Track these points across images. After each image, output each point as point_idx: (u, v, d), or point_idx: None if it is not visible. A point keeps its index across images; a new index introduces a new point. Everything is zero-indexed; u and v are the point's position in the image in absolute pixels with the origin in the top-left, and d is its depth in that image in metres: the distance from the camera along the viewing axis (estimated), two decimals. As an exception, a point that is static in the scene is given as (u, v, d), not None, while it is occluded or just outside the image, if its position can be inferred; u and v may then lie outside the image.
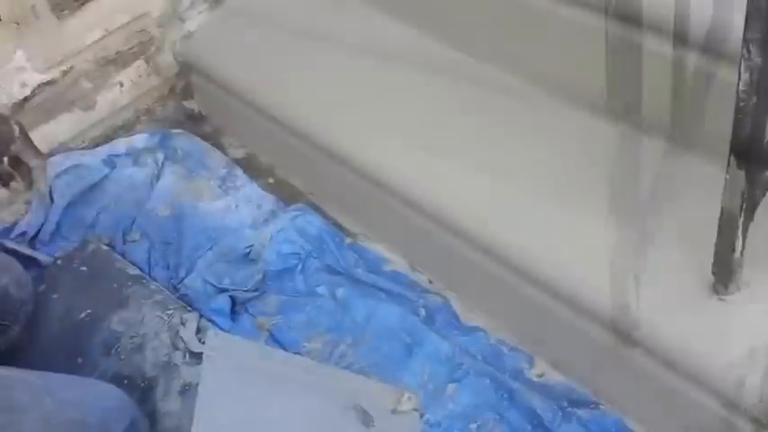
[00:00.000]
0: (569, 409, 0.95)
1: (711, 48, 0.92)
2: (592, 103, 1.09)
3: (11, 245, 1.23)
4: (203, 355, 0.91)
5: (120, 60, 1.37)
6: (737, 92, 0.72)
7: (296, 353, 1.06)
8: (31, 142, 1.01)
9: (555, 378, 1.01)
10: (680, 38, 0.94)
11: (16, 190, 1.01)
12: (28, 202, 1.33)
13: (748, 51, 0.70)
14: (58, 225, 1.27)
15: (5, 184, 1.01)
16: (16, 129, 0.98)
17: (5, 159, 0.98)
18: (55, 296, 1.14)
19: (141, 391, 1.02)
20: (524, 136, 1.09)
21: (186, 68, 1.45)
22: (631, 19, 0.98)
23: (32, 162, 0.99)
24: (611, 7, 0.99)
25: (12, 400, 0.75)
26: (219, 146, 1.43)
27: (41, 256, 1.23)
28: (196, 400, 0.85)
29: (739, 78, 0.71)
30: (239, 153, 1.42)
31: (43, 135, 1.30)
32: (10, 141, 0.97)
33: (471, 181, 1.06)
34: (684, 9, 0.93)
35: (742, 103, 0.72)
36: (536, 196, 1.02)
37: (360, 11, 1.35)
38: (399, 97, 1.20)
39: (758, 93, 0.71)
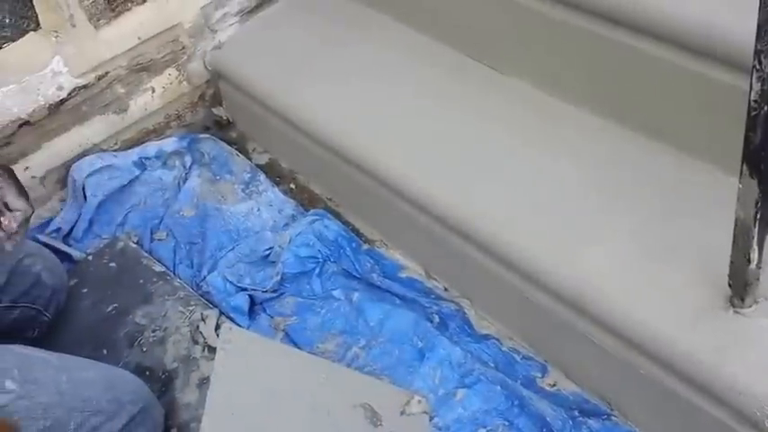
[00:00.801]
0: (580, 419, 0.95)
1: (732, 60, 0.92)
2: (610, 115, 1.10)
3: (46, 240, 1.28)
4: (217, 348, 0.93)
5: (152, 67, 1.41)
6: (749, 102, 0.72)
7: (309, 353, 1.08)
8: (19, 187, 0.93)
9: (568, 387, 1.00)
10: (696, 49, 0.95)
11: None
12: (63, 200, 1.39)
13: (759, 62, 0.70)
14: (90, 222, 1.32)
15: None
16: (5, 174, 0.93)
17: None
18: (85, 290, 1.19)
19: (162, 382, 1.05)
20: (542, 147, 1.10)
21: (215, 77, 1.50)
22: (645, 30, 0.99)
23: (16, 205, 0.90)
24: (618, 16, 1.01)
25: (32, 374, 0.79)
26: (244, 151, 1.47)
27: (74, 252, 1.28)
28: (208, 391, 0.88)
29: (751, 89, 0.71)
30: (263, 159, 1.46)
31: (78, 136, 1.35)
32: None
33: (488, 191, 1.07)
34: (691, 17, 0.94)
35: (754, 113, 0.72)
36: (553, 207, 1.02)
37: (382, 23, 1.38)
38: (419, 108, 1.22)
39: (771, 102, 0.71)
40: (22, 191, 0.89)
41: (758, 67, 0.70)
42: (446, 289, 1.17)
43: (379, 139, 1.20)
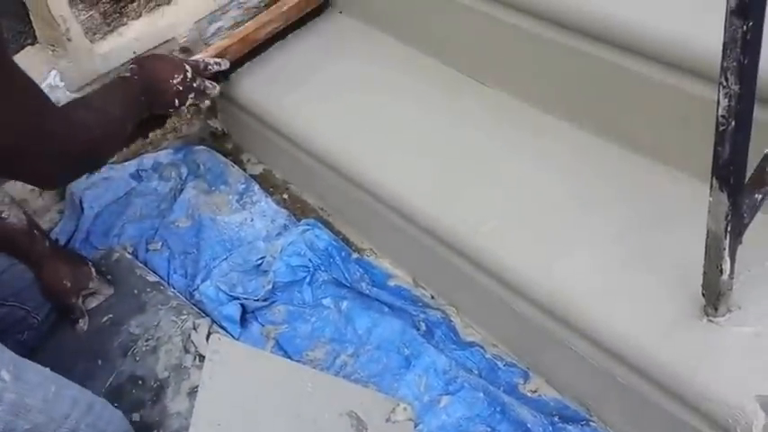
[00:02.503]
0: (560, 425, 0.97)
1: (705, 74, 0.94)
2: (591, 127, 1.12)
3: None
4: (205, 358, 0.96)
5: (147, 81, 1.44)
6: (717, 117, 0.74)
7: (298, 361, 1.11)
8: (105, 277, 1.22)
9: (549, 394, 1.02)
10: (672, 63, 0.97)
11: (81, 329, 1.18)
12: (61, 212, 1.42)
13: (726, 79, 0.72)
14: (88, 233, 1.35)
15: (76, 321, 1.16)
16: (93, 270, 1.19)
17: (81, 296, 1.16)
18: (81, 301, 1.21)
19: (153, 391, 1.08)
20: (526, 158, 1.12)
21: (211, 89, 1.53)
22: (624, 45, 1.01)
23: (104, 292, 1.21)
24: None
25: (26, 374, 0.82)
26: (239, 162, 1.50)
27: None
28: (195, 400, 0.90)
29: (718, 104, 0.73)
30: (257, 169, 1.49)
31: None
32: (88, 280, 1.18)
33: (473, 202, 1.09)
34: (667, 33, 0.96)
35: (722, 128, 0.74)
36: (535, 217, 1.04)
37: (374, 39, 1.41)
38: (407, 121, 1.24)
39: (736, 118, 0.73)
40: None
41: (725, 83, 0.72)
42: (433, 297, 1.19)
43: (368, 152, 1.23)
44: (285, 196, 1.43)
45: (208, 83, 1.23)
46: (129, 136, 1.15)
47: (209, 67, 1.27)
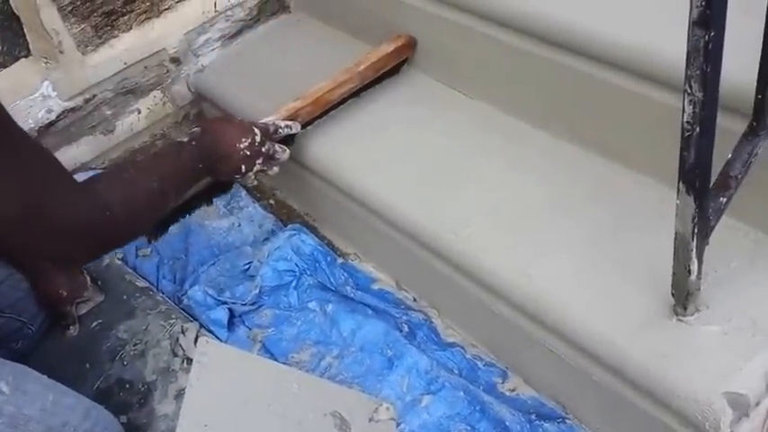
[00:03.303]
0: (537, 422, 1.00)
1: (672, 83, 0.97)
2: (565, 134, 1.16)
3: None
4: (193, 361, 0.98)
5: (138, 90, 1.47)
6: (682, 123, 0.77)
7: (285, 363, 1.13)
8: (96, 283, 1.22)
9: (526, 392, 1.05)
10: (640, 73, 1.00)
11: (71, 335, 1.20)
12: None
13: (690, 87, 0.75)
14: (77, 240, 1.36)
15: (67, 327, 1.19)
16: (88, 278, 1.19)
17: (76, 305, 1.18)
18: (71, 306, 1.23)
19: (141, 394, 1.10)
20: (504, 165, 1.15)
21: (198, 98, 1.56)
22: (596, 57, 1.05)
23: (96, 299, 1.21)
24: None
25: (24, 384, 0.84)
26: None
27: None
28: (182, 402, 0.92)
29: (684, 111, 0.77)
30: (245, 176, 1.51)
31: (66, 157, 1.40)
32: (84, 289, 1.19)
33: (454, 208, 1.12)
34: (637, 45, 1.00)
35: (687, 134, 0.77)
36: (512, 222, 1.07)
37: (354, 48, 1.44)
38: (390, 128, 1.27)
39: (701, 124, 0.76)
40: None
41: (689, 91, 0.75)
42: (415, 299, 1.22)
43: (351, 159, 1.25)
44: (272, 202, 1.45)
45: (278, 147, 1.12)
46: (187, 203, 1.09)
47: (280, 130, 1.15)
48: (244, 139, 1.05)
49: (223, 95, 1.48)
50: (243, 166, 1.06)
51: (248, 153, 1.05)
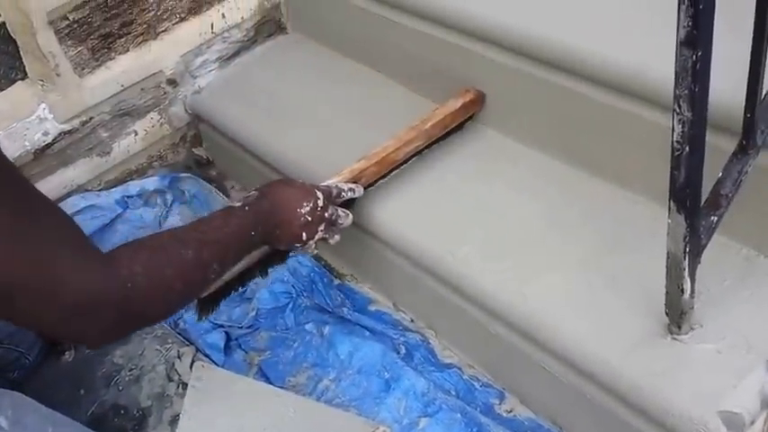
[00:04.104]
0: (534, 444, 0.99)
1: (663, 102, 0.98)
2: (561, 154, 1.16)
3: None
4: (188, 386, 0.97)
5: (135, 112, 1.48)
6: (672, 143, 0.78)
7: (281, 387, 1.12)
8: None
9: (523, 414, 1.05)
10: (633, 93, 1.01)
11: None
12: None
13: (679, 106, 0.76)
14: (73, 262, 1.36)
15: (63, 353, 1.18)
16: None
17: None
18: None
19: (136, 420, 1.09)
20: (500, 186, 1.16)
21: (196, 119, 1.57)
22: (590, 77, 1.06)
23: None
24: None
25: (24, 418, 0.82)
26: (223, 189, 1.54)
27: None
28: (177, 428, 0.91)
29: (673, 130, 0.77)
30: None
31: (62, 179, 1.41)
32: None
33: (450, 229, 1.12)
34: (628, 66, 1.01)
35: (677, 153, 0.78)
36: (509, 242, 1.07)
37: (352, 69, 1.46)
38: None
39: (690, 143, 0.77)
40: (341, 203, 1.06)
41: (678, 110, 0.76)
42: (412, 320, 1.22)
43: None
44: (269, 224, 1.46)
45: (341, 211, 1.03)
46: (241, 274, 0.98)
47: (343, 193, 1.05)
48: (305, 204, 0.96)
49: (221, 117, 1.48)
50: (304, 234, 0.96)
51: (310, 219, 0.96)
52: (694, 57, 0.69)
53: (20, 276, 0.64)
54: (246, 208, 0.91)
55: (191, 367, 1.12)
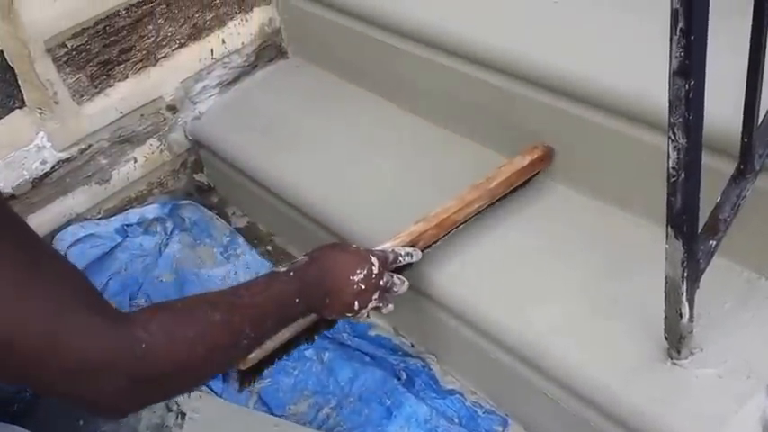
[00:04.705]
0: (537, 472, 0.98)
1: (663, 127, 0.98)
2: (561, 178, 1.16)
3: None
4: (186, 416, 0.97)
5: (134, 139, 1.48)
6: (668, 169, 0.78)
7: (281, 416, 1.12)
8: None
9: (526, 441, 1.04)
10: (632, 116, 1.02)
11: None
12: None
13: (674, 134, 0.76)
14: (72, 290, 1.36)
15: None
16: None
17: None
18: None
19: (134, 451, 1.09)
20: (502, 213, 1.15)
21: (196, 145, 1.57)
22: (591, 102, 1.06)
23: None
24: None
25: None
26: (224, 215, 1.54)
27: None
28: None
29: (669, 157, 0.78)
30: (242, 222, 1.53)
31: (61, 207, 1.41)
32: None
33: (451, 256, 1.11)
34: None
35: (673, 179, 0.78)
36: (511, 268, 1.07)
37: (354, 94, 1.46)
38: (389, 174, 1.28)
39: (686, 169, 0.77)
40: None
41: (673, 138, 0.76)
42: (413, 345, 1.21)
43: (348, 204, 1.26)
44: (269, 248, 1.46)
45: (396, 278, 0.97)
46: (288, 343, 0.93)
47: (400, 258, 0.99)
48: (359, 270, 0.90)
49: (221, 142, 1.49)
50: (356, 303, 0.90)
51: (363, 287, 0.90)
52: (687, 86, 0.70)
53: (17, 332, 0.59)
54: (292, 273, 0.86)
55: (189, 397, 1.12)
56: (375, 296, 0.92)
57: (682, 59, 0.67)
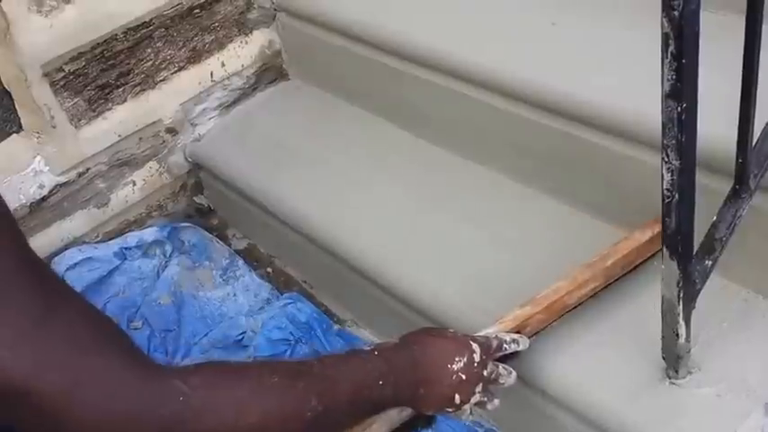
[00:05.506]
0: (539, 494, 0.97)
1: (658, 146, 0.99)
2: (560, 195, 1.17)
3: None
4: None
5: (133, 162, 1.48)
6: (662, 190, 0.79)
7: (279, 437, 1.11)
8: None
9: (527, 463, 1.03)
10: (630, 137, 1.02)
11: None
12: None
13: (667, 156, 0.76)
14: (70, 313, 1.36)
15: None
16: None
17: None
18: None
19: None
20: (498, 228, 1.16)
21: (196, 168, 1.57)
22: (585, 121, 1.07)
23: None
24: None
25: None
26: (224, 237, 1.54)
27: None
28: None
29: (663, 179, 0.78)
30: (242, 244, 1.53)
31: (59, 231, 1.41)
32: None
33: (448, 275, 1.12)
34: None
35: (667, 200, 0.79)
36: (506, 286, 1.06)
37: (356, 116, 1.46)
38: (390, 196, 1.28)
39: (679, 191, 0.78)
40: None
41: (666, 159, 0.77)
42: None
43: (349, 226, 1.26)
44: (269, 270, 1.46)
45: (501, 368, 0.86)
46: None
47: (505, 346, 0.88)
48: (458, 358, 0.80)
49: (221, 164, 1.49)
50: (457, 396, 0.80)
51: (464, 377, 0.79)
52: (679, 108, 0.70)
53: (31, 379, 0.52)
54: (376, 353, 0.77)
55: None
56: (478, 389, 0.82)
57: (673, 82, 0.68)
